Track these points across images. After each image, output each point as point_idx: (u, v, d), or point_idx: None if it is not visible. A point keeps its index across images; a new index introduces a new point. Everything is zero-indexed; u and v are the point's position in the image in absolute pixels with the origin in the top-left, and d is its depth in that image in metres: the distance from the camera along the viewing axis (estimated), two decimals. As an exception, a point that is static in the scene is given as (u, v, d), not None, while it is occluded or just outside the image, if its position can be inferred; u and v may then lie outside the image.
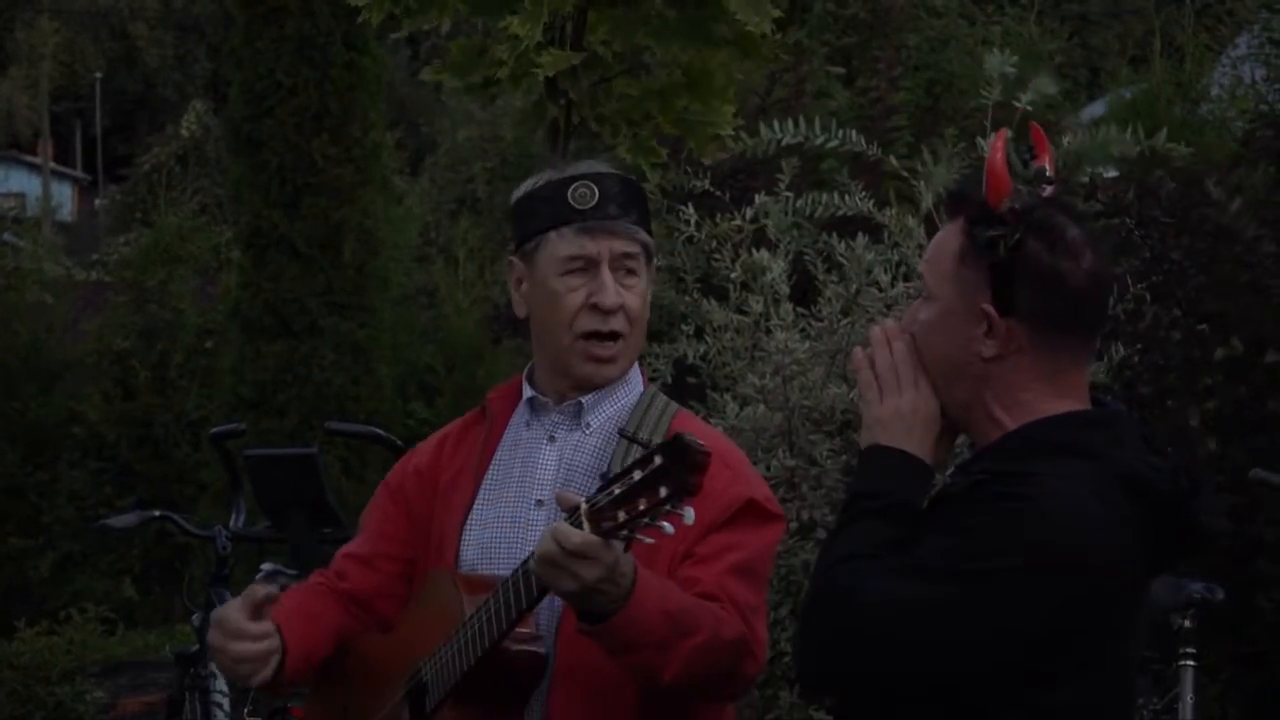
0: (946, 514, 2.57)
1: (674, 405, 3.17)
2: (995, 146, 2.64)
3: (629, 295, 3.08)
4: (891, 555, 2.54)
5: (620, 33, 6.15)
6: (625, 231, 3.08)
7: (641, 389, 3.18)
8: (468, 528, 3.14)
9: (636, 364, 3.19)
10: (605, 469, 3.03)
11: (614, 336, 3.10)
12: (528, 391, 3.20)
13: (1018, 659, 2.51)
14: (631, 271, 3.09)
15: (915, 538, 2.56)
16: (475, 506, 3.15)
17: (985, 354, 2.60)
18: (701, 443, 2.66)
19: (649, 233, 3.13)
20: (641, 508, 2.70)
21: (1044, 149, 2.67)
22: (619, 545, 2.74)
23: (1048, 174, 2.65)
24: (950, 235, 2.67)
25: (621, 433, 3.08)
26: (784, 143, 6.28)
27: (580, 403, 3.14)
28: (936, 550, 2.52)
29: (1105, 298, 2.67)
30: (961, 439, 2.76)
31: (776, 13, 5.97)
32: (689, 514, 2.68)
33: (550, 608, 2.99)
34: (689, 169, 6.46)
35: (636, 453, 2.99)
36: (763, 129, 6.33)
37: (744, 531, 3.00)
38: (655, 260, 3.16)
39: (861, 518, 2.62)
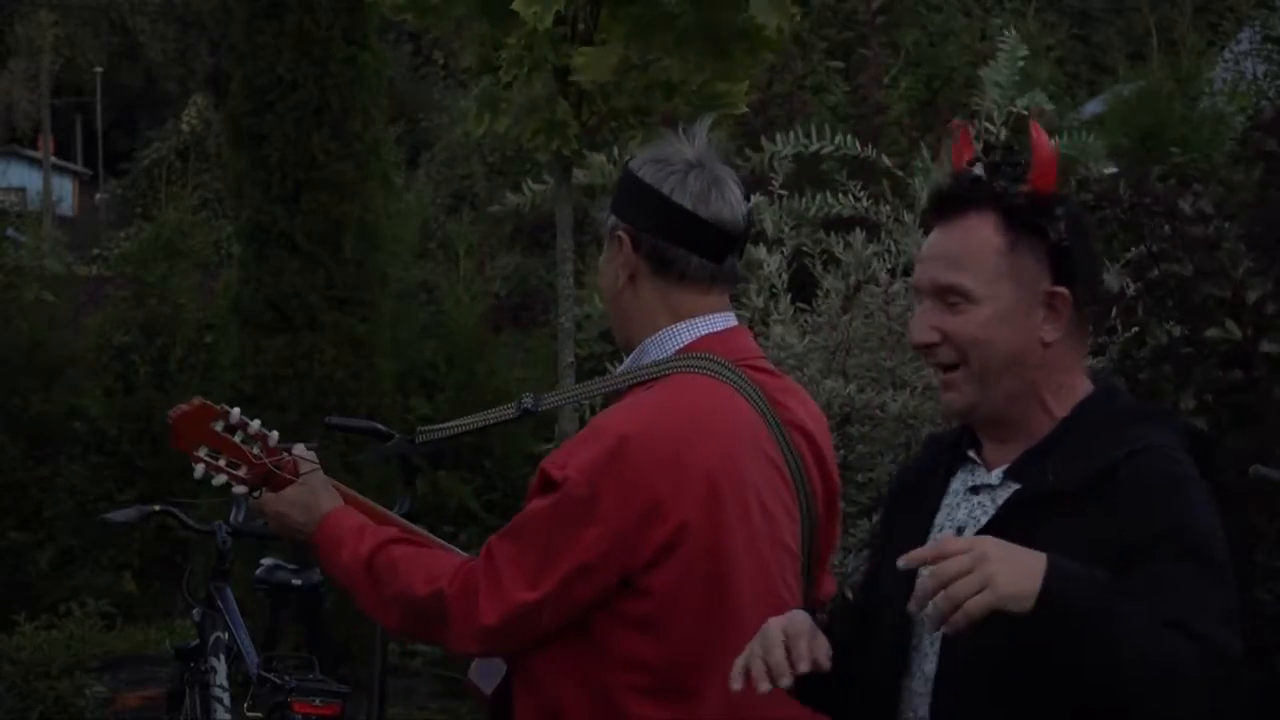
0: (1123, 516, 2.53)
1: (654, 374, 3.21)
2: (1041, 136, 2.67)
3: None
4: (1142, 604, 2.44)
5: (638, 39, 6.17)
6: None
7: (649, 360, 3.24)
8: None
9: (658, 337, 3.24)
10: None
11: None
12: None
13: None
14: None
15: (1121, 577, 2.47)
16: None
17: (1047, 338, 2.63)
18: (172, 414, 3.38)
19: (616, 210, 3.29)
20: None
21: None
22: (288, 495, 3.39)
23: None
24: (983, 234, 2.64)
25: (519, 401, 3.33)
26: (784, 154, 6.34)
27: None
28: (1186, 566, 2.49)
29: None
30: None
31: (795, 11, 6.02)
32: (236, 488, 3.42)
33: None
34: None
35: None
36: (764, 143, 6.40)
37: (531, 497, 3.16)
38: (612, 229, 3.29)
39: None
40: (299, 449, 3.45)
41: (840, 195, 6.36)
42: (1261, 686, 6.80)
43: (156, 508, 6.66)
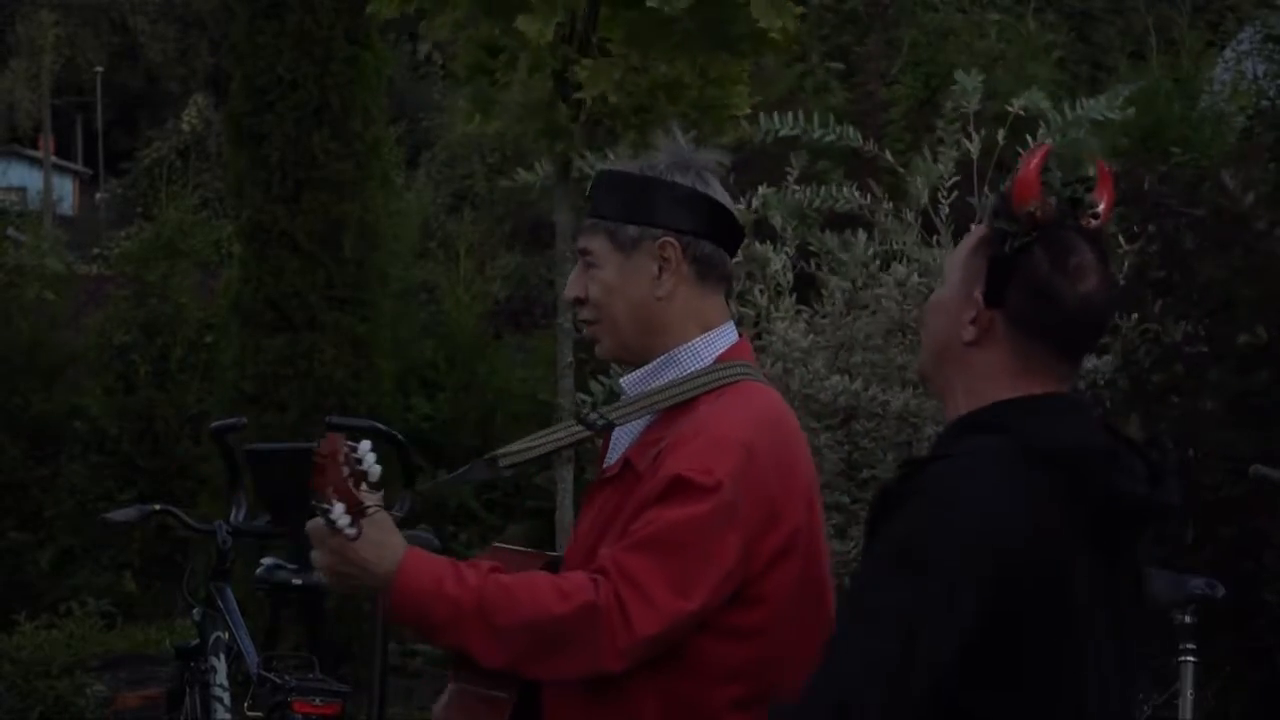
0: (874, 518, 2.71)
1: (720, 382, 3.15)
2: (1034, 155, 2.76)
3: (591, 286, 3.21)
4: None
5: (638, 41, 6.17)
6: (586, 228, 3.24)
7: (688, 370, 3.18)
8: None
9: (693, 346, 3.19)
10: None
11: (586, 323, 3.26)
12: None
13: (969, 648, 2.57)
14: (590, 264, 3.22)
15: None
16: None
17: (965, 337, 2.74)
18: (321, 444, 2.84)
19: (629, 218, 3.18)
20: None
21: (1105, 187, 2.76)
22: (359, 534, 2.90)
23: (1096, 209, 2.74)
24: (977, 231, 2.81)
25: (575, 414, 3.24)
26: (781, 134, 6.34)
27: (621, 383, 3.28)
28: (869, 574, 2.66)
29: (1094, 324, 2.77)
30: None
31: (800, 10, 6.02)
32: (335, 509, 2.86)
33: None
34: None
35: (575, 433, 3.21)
36: (762, 118, 6.40)
37: (667, 507, 3.01)
38: (640, 239, 3.18)
39: None
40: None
41: (840, 188, 6.37)
42: (1263, 685, 6.80)
43: (156, 507, 6.66)
